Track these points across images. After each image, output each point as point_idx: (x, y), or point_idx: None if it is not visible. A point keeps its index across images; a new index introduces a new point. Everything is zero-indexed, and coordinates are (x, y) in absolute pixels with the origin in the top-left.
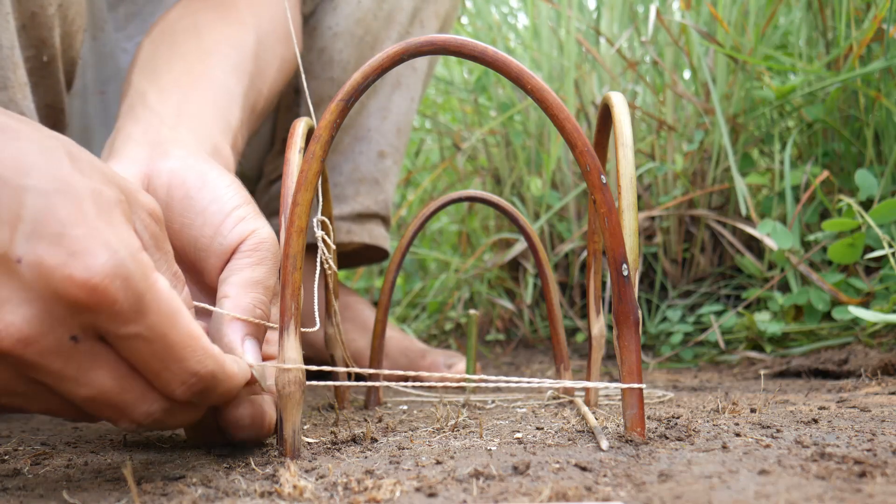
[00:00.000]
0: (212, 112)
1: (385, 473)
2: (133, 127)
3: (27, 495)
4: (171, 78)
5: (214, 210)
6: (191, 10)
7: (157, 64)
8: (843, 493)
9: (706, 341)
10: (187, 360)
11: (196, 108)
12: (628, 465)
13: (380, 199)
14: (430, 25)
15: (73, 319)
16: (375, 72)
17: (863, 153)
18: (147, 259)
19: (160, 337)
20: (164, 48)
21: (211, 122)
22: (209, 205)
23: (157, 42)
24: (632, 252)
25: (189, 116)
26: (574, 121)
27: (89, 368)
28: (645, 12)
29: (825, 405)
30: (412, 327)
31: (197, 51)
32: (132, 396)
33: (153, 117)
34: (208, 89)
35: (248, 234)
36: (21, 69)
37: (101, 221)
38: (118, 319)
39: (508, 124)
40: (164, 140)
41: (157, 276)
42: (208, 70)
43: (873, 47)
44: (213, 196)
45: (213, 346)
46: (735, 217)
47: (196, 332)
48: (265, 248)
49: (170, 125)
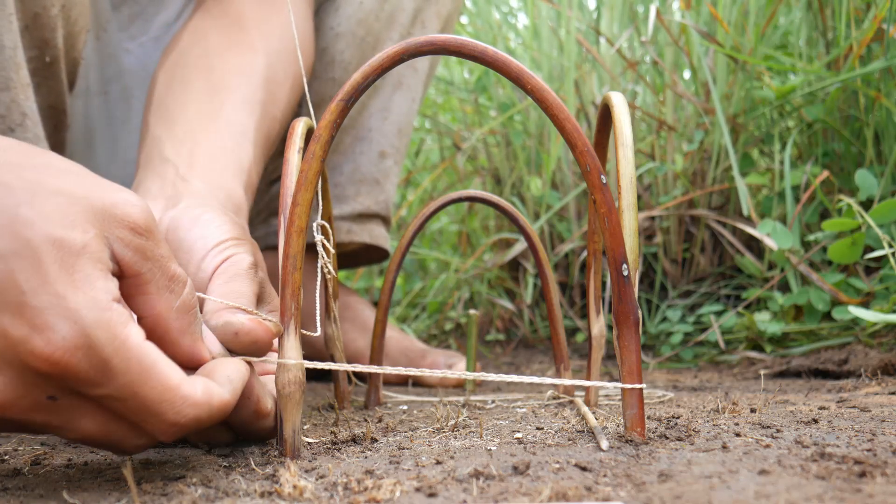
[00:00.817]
0: (223, 156)
1: (385, 473)
2: (151, 182)
3: (27, 495)
4: (184, 122)
5: (199, 246)
6: (201, 34)
7: (169, 104)
8: (843, 493)
9: (706, 341)
10: (165, 414)
11: (208, 155)
12: (628, 465)
13: (380, 199)
14: (432, 26)
15: (47, 383)
16: (375, 72)
17: (863, 153)
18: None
19: (132, 396)
20: (176, 85)
21: (222, 166)
22: (195, 242)
23: (169, 76)
24: (632, 252)
25: (201, 166)
26: (574, 121)
27: (72, 419)
28: (645, 12)
29: (825, 405)
30: (412, 327)
31: (208, 87)
32: (120, 435)
33: (168, 169)
34: (219, 132)
35: (224, 260)
36: (24, 70)
37: (62, 284)
38: (86, 385)
39: (508, 124)
40: (178, 193)
41: (127, 333)
42: (219, 110)
43: (873, 47)
44: (201, 234)
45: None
46: (735, 217)
47: (172, 383)
48: (237, 267)
49: (182, 176)
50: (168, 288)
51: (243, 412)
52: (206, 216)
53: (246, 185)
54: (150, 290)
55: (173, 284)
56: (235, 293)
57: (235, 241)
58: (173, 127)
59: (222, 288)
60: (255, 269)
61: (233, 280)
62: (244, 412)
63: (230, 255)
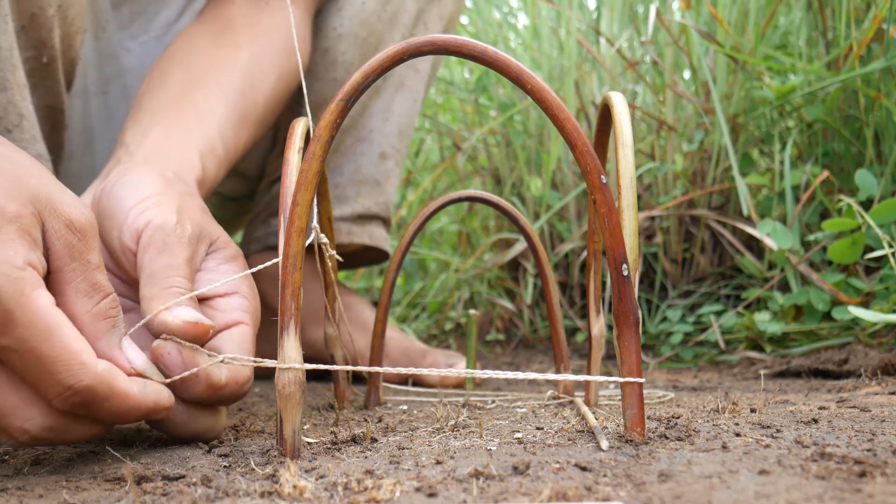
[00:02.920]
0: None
1: (385, 473)
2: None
3: (27, 495)
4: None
5: (118, 209)
6: (189, 38)
7: (143, 101)
8: (843, 493)
9: (706, 341)
10: (60, 374)
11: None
12: (628, 465)
13: (381, 200)
14: (434, 27)
15: None
16: (375, 72)
17: (863, 153)
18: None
19: (29, 350)
20: (154, 84)
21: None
22: (116, 205)
23: (151, 76)
24: (632, 252)
25: (153, 138)
26: (574, 121)
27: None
28: (645, 12)
29: (825, 405)
30: (412, 327)
31: (183, 80)
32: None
33: (119, 150)
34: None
35: (143, 225)
36: (20, 70)
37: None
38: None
39: (508, 124)
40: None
41: (36, 295)
42: (188, 95)
43: (873, 47)
44: (121, 196)
45: (97, 363)
46: (735, 217)
47: (73, 348)
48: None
49: (131, 151)
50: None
51: (196, 389)
52: (128, 177)
53: (203, 152)
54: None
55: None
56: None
57: (156, 197)
58: (140, 117)
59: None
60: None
61: (162, 253)
62: (197, 389)
63: (150, 220)
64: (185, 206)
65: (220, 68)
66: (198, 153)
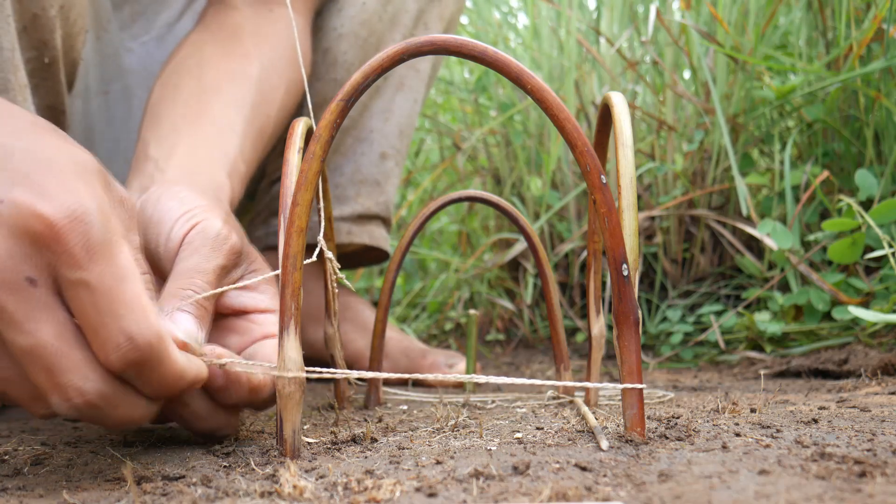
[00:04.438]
0: (204, 147)
1: (385, 473)
2: (134, 178)
3: (27, 495)
4: (170, 123)
5: (167, 218)
6: (197, 45)
7: (160, 110)
8: (843, 493)
9: (706, 341)
10: (126, 321)
11: (188, 146)
12: (628, 465)
13: (381, 200)
14: (435, 28)
15: (34, 259)
16: (375, 72)
17: (863, 153)
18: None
19: (106, 290)
20: (169, 90)
21: (202, 156)
22: (162, 214)
23: (163, 84)
24: (632, 252)
25: (179, 156)
26: (574, 121)
27: (36, 317)
28: (645, 12)
29: (825, 405)
30: (412, 327)
31: (197, 91)
32: (68, 361)
33: (149, 165)
34: (203, 127)
35: (189, 228)
36: (21, 71)
37: (78, 181)
38: (71, 263)
39: (508, 124)
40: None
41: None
42: (206, 107)
43: (873, 47)
44: (169, 206)
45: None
46: (735, 217)
47: (144, 301)
48: (200, 236)
49: (161, 168)
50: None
51: (240, 393)
52: (173, 190)
53: (230, 172)
54: None
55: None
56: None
57: (203, 208)
58: (159, 128)
59: (184, 262)
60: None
61: (196, 252)
62: (241, 393)
63: (198, 222)
64: (231, 220)
65: (233, 80)
66: (226, 174)
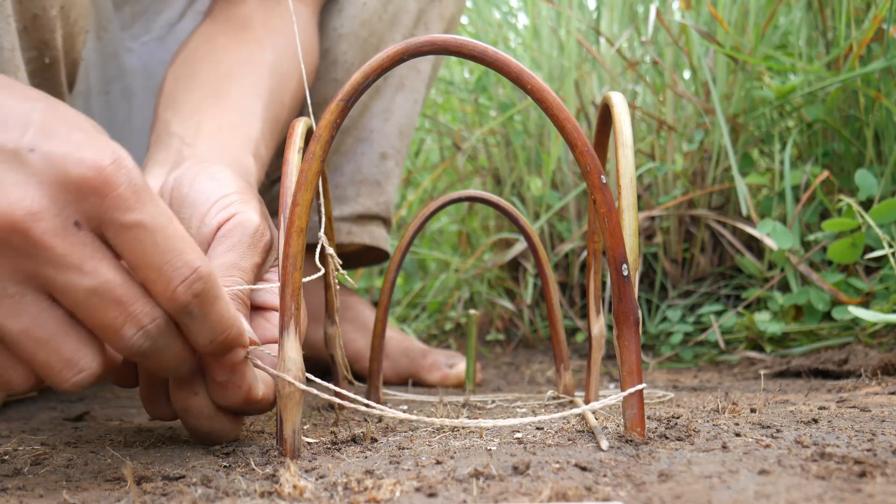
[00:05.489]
0: (230, 126)
1: (385, 473)
2: (157, 153)
3: (27, 495)
4: (191, 104)
5: (202, 200)
6: (208, 36)
7: (178, 94)
8: (843, 493)
9: (706, 341)
10: (186, 252)
11: (214, 124)
12: (628, 465)
13: (381, 200)
14: (435, 28)
15: (79, 205)
16: (375, 72)
17: (863, 153)
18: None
19: (160, 227)
20: (184, 78)
21: (228, 137)
22: (198, 196)
23: (178, 72)
24: (632, 252)
25: (207, 133)
26: (574, 121)
27: (92, 257)
28: (645, 12)
29: (825, 405)
30: (412, 327)
31: (215, 75)
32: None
33: (174, 140)
34: (226, 107)
35: (226, 218)
36: (22, 71)
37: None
38: (122, 205)
39: (508, 124)
40: (182, 157)
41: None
42: (226, 90)
43: (873, 47)
44: (204, 188)
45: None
46: (735, 217)
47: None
48: (238, 231)
49: (188, 143)
50: None
51: (235, 398)
52: (210, 169)
53: (254, 155)
54: None
55: None
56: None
57: (240, 195)
58: (180, 109)
59: (222, 258)
60: (260, 234)
61: (233, 249)
62: (236, 398)
63: (234, 214)
64: (265, 213)
65: (250, 66)
66: (251, 157)
